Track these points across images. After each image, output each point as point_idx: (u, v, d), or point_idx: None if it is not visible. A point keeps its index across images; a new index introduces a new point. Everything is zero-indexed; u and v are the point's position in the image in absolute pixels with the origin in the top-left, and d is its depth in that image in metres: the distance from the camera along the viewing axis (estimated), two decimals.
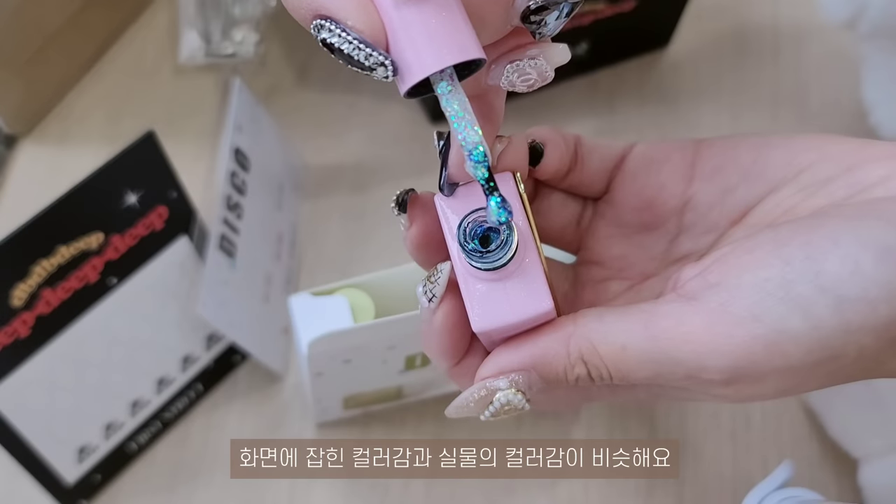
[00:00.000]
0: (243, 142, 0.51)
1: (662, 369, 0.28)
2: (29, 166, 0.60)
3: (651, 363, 0.28)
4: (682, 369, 0.28)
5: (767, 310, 0.27)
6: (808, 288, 0.27)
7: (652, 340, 0.28)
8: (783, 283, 0.27)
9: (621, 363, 0.29)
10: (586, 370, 0.29)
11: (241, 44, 0.63)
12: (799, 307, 0.27)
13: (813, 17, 0.66)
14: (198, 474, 0.51)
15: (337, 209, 0.59)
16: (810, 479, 0.51)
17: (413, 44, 0.25)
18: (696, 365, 0.28)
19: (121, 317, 0.46)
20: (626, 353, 0.29)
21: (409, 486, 0.51)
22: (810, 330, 0.27)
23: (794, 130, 0.62)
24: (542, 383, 0.30)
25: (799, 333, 0.27)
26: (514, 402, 0.30)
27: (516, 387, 0.30)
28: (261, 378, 0.53)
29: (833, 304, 0.27)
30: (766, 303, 0.27)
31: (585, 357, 0.29)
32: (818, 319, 0.27)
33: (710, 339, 0.28)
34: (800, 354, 0.27)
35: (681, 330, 0.28)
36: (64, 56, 0.61)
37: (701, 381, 0.28)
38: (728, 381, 0.28)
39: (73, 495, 0.48)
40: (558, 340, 0.29)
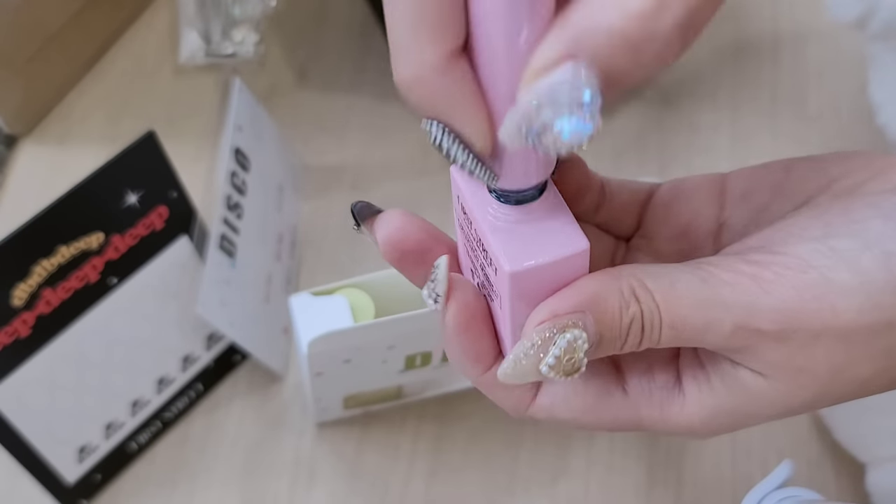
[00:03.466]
0: (243, 142, 0.51)
1: (712, 315, 0.26)
2: (29, 166, 0.60)
3: (701, 306, 0.26)
4: (731, 316, 0.26)
5: (815, 260, 0.26)
6: (853, 243, 0.26)
7: (701, 282, 0.27)
8: (826, 242, 0.27)
9: (672, 301, 0.27)
10: (640, 310, 0.26)
11: (241, 44, 0.63)
12: (845, 260, 0.26)
13: (813, 19, 0.66)
14: (198, 474, 0.51)
15: (337, 209, 0.59)
16: (810, 479, 0.51)
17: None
18: (746, 307, 0.26)
19: (121, 316, 0.47)
20: (675, 289, 0.27)
21: (409, 485, 0.51)
22: (859, 284, 0.26)
23: (794, 131, 0.62)
24: (597, 334, 0.27)
25: (847, 286, 0.26)
26: (579, 343, 0.26)
27: (584, 328, 0.26)
28: (261, 378, 0.54)
29: (880, 257, 0.26)
30: (813, 255, 0.26)
31: (638, 292, 0.27)
32: (866, 273, 0.26)
33: (758, 284, 0.26)
34: (852, 313, 0.26)
35: (729, 274, 0.27)
36: (64, 56, 0.61)
37: (751, 333, 0.26)
38: (780, 334, 0.26)
39: (73, 495, 0.48)
40: (610, 277, 0.27)
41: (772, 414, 0.28)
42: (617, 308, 0.27)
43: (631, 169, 0.60)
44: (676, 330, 0.27)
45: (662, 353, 0.30)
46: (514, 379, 0.27)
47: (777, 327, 0.26)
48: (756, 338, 0.26)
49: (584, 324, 0.26)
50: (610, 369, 0.30)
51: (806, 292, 0.26)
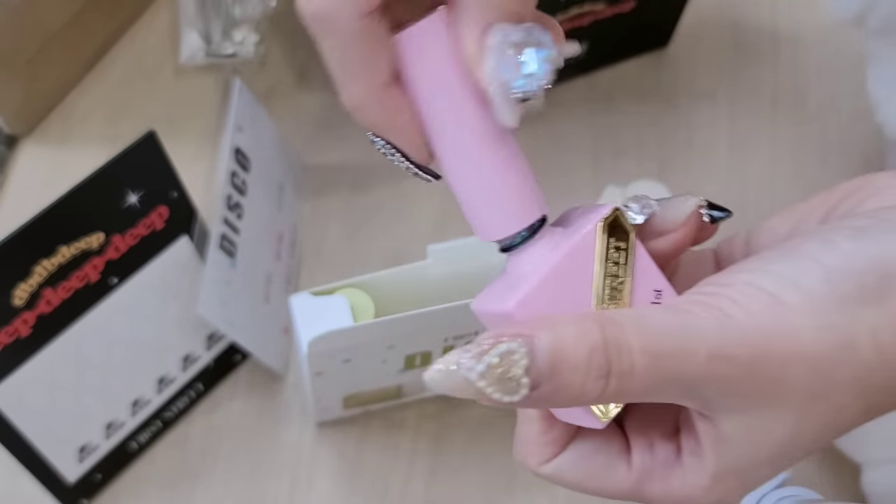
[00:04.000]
0: (244, 142, 0.51)
1: (686, 343, 0.26)
2: (30, 166, 0.60)
3: (675, 332, 0.26)
4: (705, 344, 0.26)
5: (762, 283, 0.27)
6: (788, 266, 0.27)
7: (670, 312, 0.27)
8: (766, 267, 0.27)
9: (645, 329, 0.26)
10: (602, 339, 0.26)
11: (242, 44, 0.63)
12: (789, 281, 0.26)
13: (812, 19, 0.66)
14: (198, 473, 0.51)
15: (337, 209, 0.59)
16: (809, 479, 0.51)
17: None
18: (717, 332, 0.26)
19: (121, 316, 0.47)
20: (647, 319, 0.27)
21: (409, 485, 0.51)
22: (807, 301, 0.26)
23: (793, 131, 0.62)
24: (549, 360, 0.26)
25: (797, 304, 0.26)
26: (516, 357, 0.25)
27: (525, 342, 0.26)
28: (261, 377, 0.54)
29: (819, 274, 0.26)
30: (759, 279, 0.27)
31: (604, 324, 0.26)
32: (809, 289, 0.26)
33: (720, 311, 0.26)
34: (810, 333, 0.26)
35: (690, 305, 0.27)
36: (65, 56, 0.61)
37: (724, 360, 0.26)
38: (751, 360, 0.26)
39: (73, 494, 0.49)
40: (573, 314, 0.27)
41: (764, 459, 0.28)
42: (573, 336, 0.26)
43: (631, 168, 0.60)
44: (653, 357, 0.26)
45: (664, 428, 0.30)
46: (441, 385, 0.26)
47: (747, 352, 0.26)
48: (729, 366, 0.26)
49: (530, 344, 0.26)
50: (618, 443, 0.31)
51: (762, 312, 0.26)
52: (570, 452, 0.31)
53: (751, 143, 0.62)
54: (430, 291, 0.45)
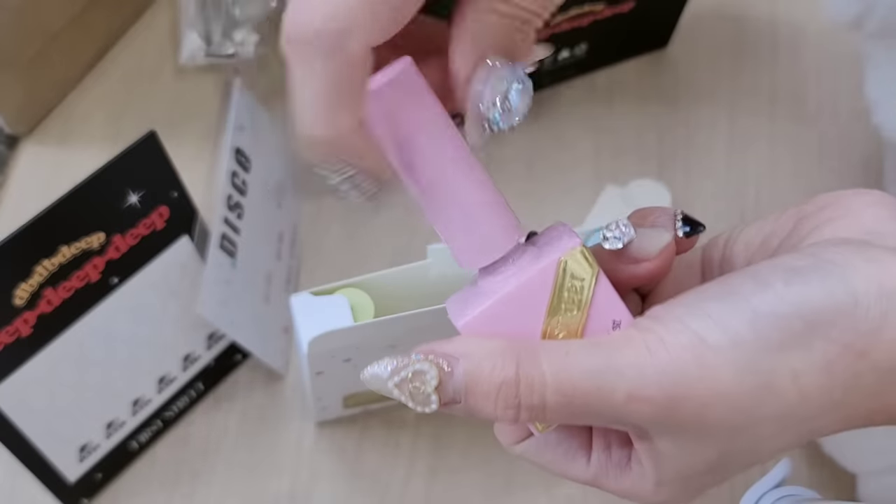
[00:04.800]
0: (244, 142, 0.51)
1: (604, 382, 0.28)
2: (30, 166, 0.60)
3: (593, 372, 0.28)
4: (624, 383, 0.27)
5: (690, 322, 0.28)
6: (720, 306, 0.28)
7: (595, 348, 0.28)
8: (699, 305, 0.28)
9: (563, 368, 0.28)
10: (515, 374, 0.28)
11: (242, 44, 0.63)
12: (715, 322, 0.27)
13: (811, 19, 0.66)
14: (199, 473, 0.51)
15: (337, 209, 0.59)
16: (808, 478, 0.51)
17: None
18: (638, 372, 0.27)
19: (122, 316, 0.47)
20: (568, 357, 0.28)
21: (408, 485, 0.51)
22: (731, 345, 0.27)
23: (792, 131, 0.62)
24: (464, 384, 0.29)
25: (721, 346, 0.27)
26: (427, 377, 0.29)
27: (435, 365, 0.29)
28: (261, 377, 0.54)
29: (747, 317, 0.27)
30: (688, 318, 0.28)
31: (522, 359, 0.28)
32: (735, 332, 0.27)
33: (646, 349, 0.28)
34: (729, 375, 0.27)
35: (623, 341, 0.28)
36: (65, 57, 0.61)
37: (643, 402, 0.27)
38: (669, 402, 0.27)
39: (74, 494, 0.49)
40: (502, 343, 0.29)
41: (702, 470, 0.30)
42: (489, 368, 0.29)
43: (631, 168, 0.60)
44: (566, 396, 0.28)
45: (621, 434, 0.32)
46: (370, 384, 0.30)
47: (664, 394, 0.27)
48: (648, 406, 0.28)
49: (448, 368, 0.29)
50: (581, 438, 0.33)
51: (684, 353, 0.27)
52: (535, 439, 0.33)
53: (750, 143, 0.62)
54: (430, 291, 0.45)
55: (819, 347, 0.27)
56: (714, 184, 0.60)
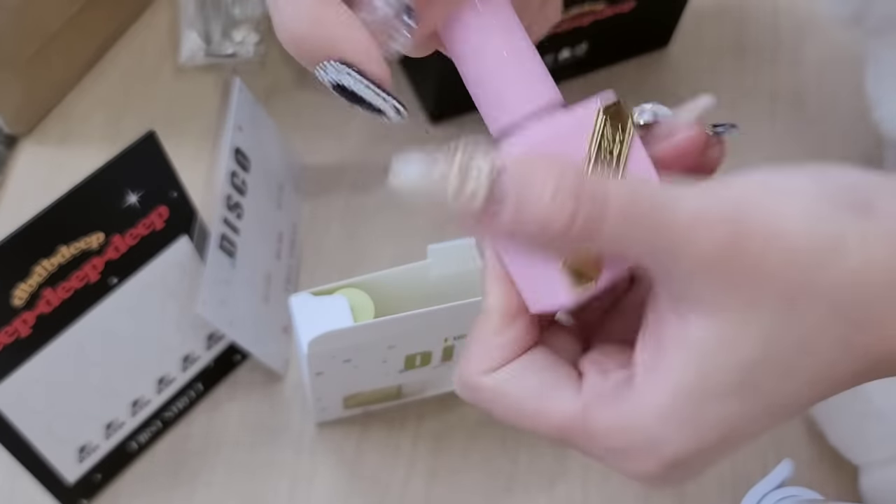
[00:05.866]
0: (243, 142, 0.51)
1: (669, 199, 0.25)
2: (30, 166, 0.60)
3: (658, 190, 0.25)
4: (687, 205, 0.25)
5: (755, 174, 0.26)
6: (783, 171, 0.26)
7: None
8: (759, 169, 0.27)
9: (626, 182, 0.25)
10: (578, 167, 0.25)
11: (241, 44, 0.63)
12: (782, 175, 0.26)
13: (812, 18, 0.66)
14: (198, 473, 0.51)
15: (337, 209, 0.59)
16: (809, 479, 0.51)
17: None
18: (701, 199, 0.25)
19: (121, 316, 0.47)
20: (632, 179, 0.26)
21: (408, 485, 0.51)
22: (797, 191, 0.26)
23: (793, 131, 0.62)
24: (519, 169, 0.24)
25: (787, 191, 0.26)
26: (483, 166, 0.24)
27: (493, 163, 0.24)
28: (261, 377, 0.54)
29: (811, 177, 0.26)
30: (752, 172, 0.26)
31: (590, 184, 0.24)
32: (800, 185, 0.26)
33: (710, 183, 0.26)
34: (796, 220, 0.25)
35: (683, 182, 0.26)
36: (64, 56, 0.61)
37: (703, 229, 0.24)
38: (729, 241, 0.24)
39: (73, 494, 0.49)
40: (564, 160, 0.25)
41: (725, 386, 0.26)
42: (546, 160, 0.25)
43: None
44: (629, 202, 0.24)
45: (621, 360, 0.28)
46: (407, 177, 0.25)
47: (728, 227, 0.25)
48: (707, 236, 0.25)
49: (500, 167, 0.24)
50: (569, 370, 0.29)
51: (752, 190, 0.25)
52: (519, 363, 0.28)
53: (750, 143, 0.62)
54: (430, 291, 0.45)
55: (886, 216, 0.25)
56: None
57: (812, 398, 0.27)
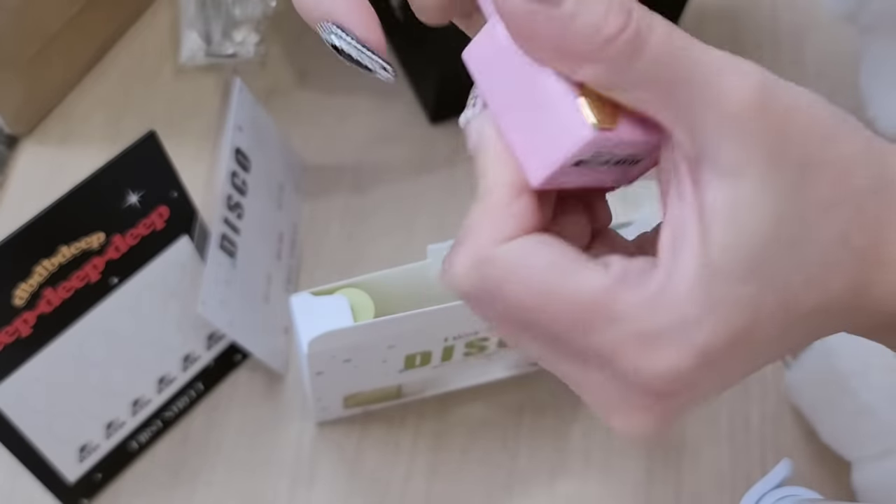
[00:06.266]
0: (244, 142, 0.51)
1: (703, 52, 0.25)
2: (30, 166, 0.60)
3: (693, 40, 0.25)
4: (720, 59, 0.25)
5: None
6: None
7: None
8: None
9: (669, 36, 0.24)
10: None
11: (242, 44, 0.63)
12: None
13: (812, 17, 0.67)
14: (198, 473, 0.51)
15: (337, 209, 0.59)
16: (808, 478, 0.51)
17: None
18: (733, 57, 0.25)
19: (122, 316, 0.47)
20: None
21: (408, 484, 0.51)
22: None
23: None
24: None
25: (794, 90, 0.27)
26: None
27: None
28: (261, 377, 0.54)
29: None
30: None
31: (640, 10, 0.24)
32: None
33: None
34: (812, 99, 0.27)
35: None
36: (65, 57, 0.61)
37: (734, 76, 0.25)
38: (760, 92, 0.25)
39: (74, 494, 0.49)
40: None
41: (748, 260, 0.24)
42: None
43: None
44: (671, 35, 0.24)
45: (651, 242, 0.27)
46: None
47: (759, 79, 0.25)
48: (740, 85, 0.25)
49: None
50: (587, 254, 0.26)
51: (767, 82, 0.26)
52: (537, 236, 0.26)
53: None
54: (430, 291, 0.45)
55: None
56: None
57: (803, 312, 0.25)
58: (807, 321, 0.26)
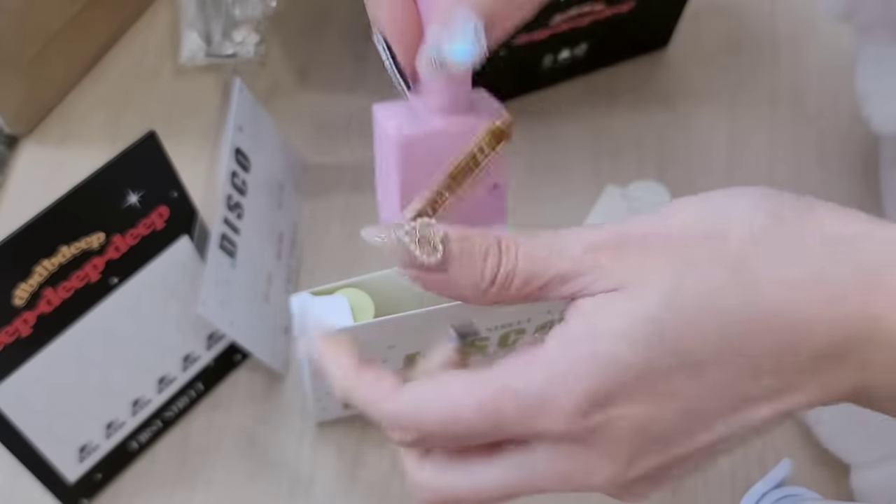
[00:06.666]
0: (244, 142, 0.51)
1: (561, 243, 0.31)
2: (30, 166, 0.60)
3: (552, 237, 0.31)
4: (578, 243, 0.31)
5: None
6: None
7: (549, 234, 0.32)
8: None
9: (528, 240, 0.31)
10: (496, 238, 0.31)
11: (242, 44, 0.63)
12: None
13: (810, 18, 0.67)
14: (198, 473, 0.51)
15: (337, 209, 0.59)
16: (808, 479, 0.51)
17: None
18: (591, 231, 0.31)
19: (122, 316, 0.47)
20: (532, 236, 0.32)
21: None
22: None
23: (792, 131, 0.62)
24: (458, 249, 0.31)
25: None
26: (433, 228, 0.31)
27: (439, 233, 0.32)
28: (261, 377, 0.54)
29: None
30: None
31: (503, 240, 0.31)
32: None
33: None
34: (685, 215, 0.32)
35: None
36: (65, 57, 0.61)
37: (596, 250, 0.30)
38: (618, 237, 0.30)
39: (74, 494, 0.49)
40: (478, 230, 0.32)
41: (625, 320, 0.29)
42: (479, 234, 0.32)
43: (629, 169, 0.60)
44: (531, 258, 0.31)
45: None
46: (374, 235, 0.33)
47: (615, 231, 0.31)
48: (602, 245, 0.30)
49: (445, 234, 0.31)
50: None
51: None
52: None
53: (750, 143, 0.62)
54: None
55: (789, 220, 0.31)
56: (714, 184, 0.60)
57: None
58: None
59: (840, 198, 0.63)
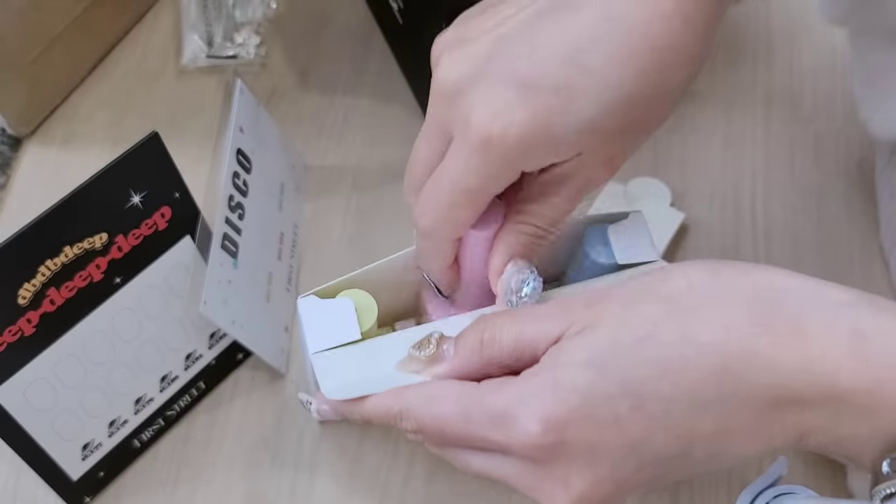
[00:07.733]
0: (245, 143, 0.52)
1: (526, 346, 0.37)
2: (33, 167, 0.60)
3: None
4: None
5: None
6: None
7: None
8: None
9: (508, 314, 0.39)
10: (492, 333, 0.38)
11: (243, 46, 0.63)
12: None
13: (806, 19, 0.67)
14: (201, 471, 0.51)
15: (337, 209, 0.59)
16: (805, 477, 0.51)
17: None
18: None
19: (125, 315, 0.47)
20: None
21: (409, 483, 0.51)
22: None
23: (788, 130, 0.63)
24: (455, 353, 0.39)
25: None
26: (433, 337, 0.40)
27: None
28: (263, 375, 0.54)
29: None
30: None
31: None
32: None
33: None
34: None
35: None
36: (68, 58, 0.61)
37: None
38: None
39: (77, 491, 0.49)
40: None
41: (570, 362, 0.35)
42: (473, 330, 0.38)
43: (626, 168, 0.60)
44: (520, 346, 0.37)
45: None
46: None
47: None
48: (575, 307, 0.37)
49: (446, 346, 0.39)
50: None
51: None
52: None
53: (745, 143, 0.62)
54: None
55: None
56: (710, 183, 0.60)
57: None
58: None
59: (835, 198, 0.64)
